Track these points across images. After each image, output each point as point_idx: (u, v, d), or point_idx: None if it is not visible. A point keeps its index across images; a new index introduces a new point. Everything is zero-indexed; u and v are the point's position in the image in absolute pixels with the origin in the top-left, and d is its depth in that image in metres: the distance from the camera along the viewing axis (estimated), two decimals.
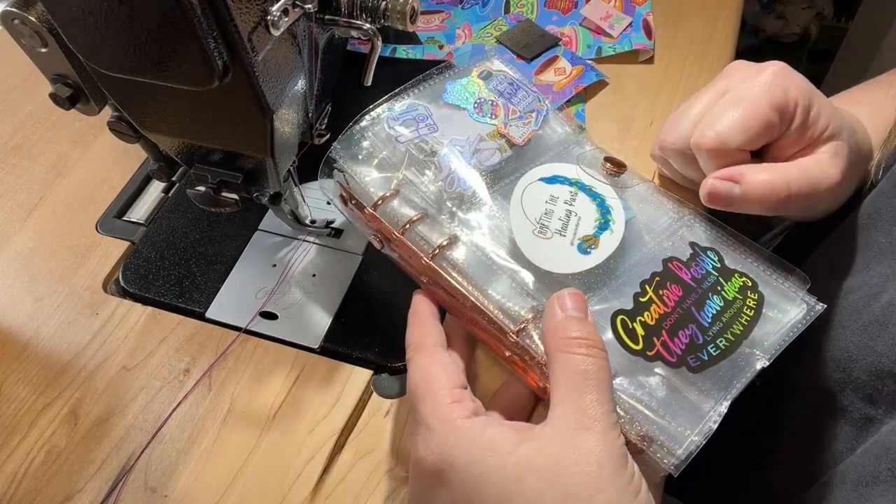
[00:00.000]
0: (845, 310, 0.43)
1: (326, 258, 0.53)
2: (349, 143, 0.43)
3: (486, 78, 0.47)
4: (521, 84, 0.48)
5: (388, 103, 0.45)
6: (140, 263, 0.53)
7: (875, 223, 0.44)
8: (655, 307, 0.38)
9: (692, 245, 0.41)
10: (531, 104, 0.47)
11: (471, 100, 0.46)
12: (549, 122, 0.47)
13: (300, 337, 0.49)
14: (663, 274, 0.39)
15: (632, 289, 0.39)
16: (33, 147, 0.62)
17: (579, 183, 0.42)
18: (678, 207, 0.44)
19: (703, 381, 0.36)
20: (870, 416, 0.41)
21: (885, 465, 0.37)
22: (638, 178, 0.45)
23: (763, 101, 0.41)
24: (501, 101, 0.46)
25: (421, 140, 0.43)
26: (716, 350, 0.37)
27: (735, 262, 0.41)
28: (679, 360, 0.36)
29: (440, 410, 0.34)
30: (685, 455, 0.34)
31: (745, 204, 0.41)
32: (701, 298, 0.39)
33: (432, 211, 0.41)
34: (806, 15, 1.59)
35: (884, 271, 0.42)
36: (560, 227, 0.40)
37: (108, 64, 0.34)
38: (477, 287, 0.39)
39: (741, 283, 0.40)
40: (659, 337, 0.37)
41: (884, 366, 0.39)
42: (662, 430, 0.35)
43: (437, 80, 0.47)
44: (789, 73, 0.43)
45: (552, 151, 0.46)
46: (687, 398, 0.36)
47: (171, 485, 0.43)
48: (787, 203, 0.41)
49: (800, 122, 0.42)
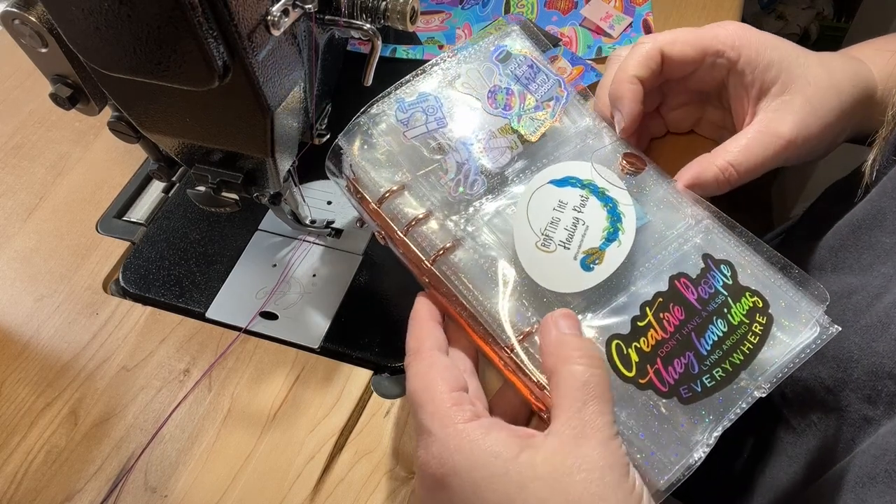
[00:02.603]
0: (848, 310, 0.43)
1: (326, 258, 0.53)
2: (357, 132, 0.42)
3: (504, 60, 0.44)
4: (540, 67, 0.45)
5: (398, 92, 0.42)
6: (140, 263, 0.53)
7: (879, 223, 0.44)
8: (653, 332, 0.37)
9: (705, 258, 0.39)
10: (550, 90, 0.44)
11: (486, 87, 0.43)
12: (568, 112, 0.45)
13: (300, 337, 0.49)
14: (667, 294, 0.38)
15: (633, 310, 0.37)
16: (33, 147, 0.62)
17: (592, 185, 0.40)
18: (697, 209, 0.42)
19: (695, 411, 0.36)
20: (868, 416, 0.41)
21: (883, 466, 0.37)
22: (658, 178, 0.43)
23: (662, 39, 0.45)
24: (518, 89, 0.43)
25: (428, 135, 0.41)
26: (711, 381, 0.36)
27: (749, 277, 0.39)
28: (671, 389, 0.36)
29: (440, 415, 0.34)
30: (666, 486, 0.34)
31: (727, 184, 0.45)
32: (703, 323, 0.37)
33: (437, 212, 0.40)
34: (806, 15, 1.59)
35: (887, 272, 0.42)
36: (565, 238, 0.38)
37: (108, 64, 0.34)
38: (475, 296, 0.38)
39: (751, 305, 0.38)
40: (653, 365, 0.36)
41: (884, 366, 0.39)
42: (647, 458, 0.34)
43: (452, 63, 0.44)
44: (730, 25, 0.46)
45: (568, 146, 0.43)
46: (676, 429, 0.35)
47: (171, 485, 0.43)
48: (740, 181, 0.44)
49: (727, 62, 0.45)
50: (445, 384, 0.35)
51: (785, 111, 0.44)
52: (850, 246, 0.46)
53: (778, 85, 0.45)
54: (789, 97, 0.45)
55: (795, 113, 0.44)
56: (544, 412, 0.36)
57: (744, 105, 0.47)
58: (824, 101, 0.45)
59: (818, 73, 0.45)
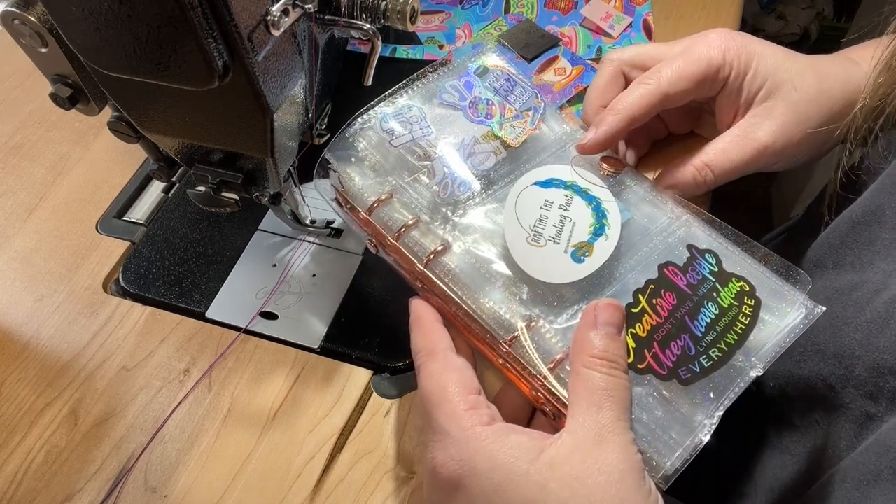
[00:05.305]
0: (848, 306, 0.43)
1: (326, 258, 0.53)
2: (343, 145, 0.43)
3: (482, 75, 0.47)
4: (517, 80, 0.48)
5: (382, 104, 0.44)
6: (140, 263, 0.53)
7: (878, 219, 0.44)
8: (648, 318, 0.38)
9: (690, 248, 0.41)
10: (528, 101, 0.47)
11: (466, 98, 0.45)
12: (546, 121, 0.47)
13: (300, 337, 0.49)
14: (658, 281, 0.39)
15: (626, 297, 0.38)
16: (33, 147, 0.62)
17: (574, 186, 0.42)
18: (677, 207, 0.44)
19: (695, 392, 0.36)
20: (870, 413, 0.41)
21: (887, 463, 0.37)
22: (637, 177, 0.45)
23: None
24: (497, 100, 0.46)
25: (414, 143, 0.42)
26: (708, 361, 0.37)
27: (734, 265, 0.41)
28: (670, 372, 0.36)
29: (458, 417, 0.34)
30: (673, 470, 0.34)
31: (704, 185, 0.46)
32: (695, 307, 0.38)
33: (426, 216, 0.41)
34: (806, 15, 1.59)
35: (887, 267, 0.42)
36: (554, 234, 0.40)
37: (108, 64, 0.34)
38: (469, 295, 0.38)
39: (738, 289, 0.39)
40: (650, 349, 0.37)
41: (886, 362, 0.39)
42: (651, 443, 0.35)
43: (432, 79, 0.46)
44: (715, 39, 0.46)
45: (549, 151, 0.45)
46: (678, 410, 0.36)
47: (171, 485, 0.43)
48: (716, 182, 0.46)
49: (722, 81, 0.46)
50: (462, 386, 0.35)
51: (765, 117, 0.45)
52: (850, 242, 0.46)
53: (763, 91, 0.45)
54: (772, 103, 0.45)
55: (775, 119, 0.45)
56: (545, 405, 0.36)
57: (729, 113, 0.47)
58: (811, 108, 0.46)
59: (806, 79, 0.46)
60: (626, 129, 0.45)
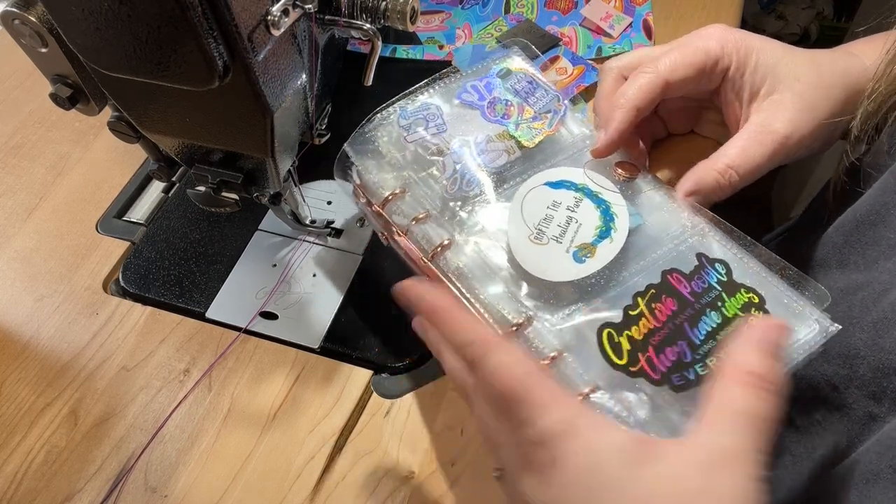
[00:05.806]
0: (854, 306, 0.43)
1: (326, 258, 0.53)
2: (362, 139, 0.44)
3: (504, 77, 0.47)
4: (540, 83, 0.48)
5: (401, 101, 0.45)
6: (140, 263, 0.53)
7: (883, 218, 0.44)
8: (645, 321, 0.37)
9: (699, 256, 0.40)
10: (548, 104, 0.47)
11: (485, 98, 0.45)
12: (565, 123, 0.47)
13: (300, 337, 0.49)
14: (659, 286, 0.38)
15: (626, 300, 0.38)
16: (33, 147, 0.62)
17: (585, 189, 0.42)
18: (694, 215, 0.42)
19: (687, 400, 0.35)
20: (873, 413, 0.41)
21: (887, 462, 0.37)
22: (654, 183, 0.44)
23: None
24: (517, 101, 0.46)
25: (429, 140, 0.43)
26: (703, 369, 0.36)
27: (746, 276, 0.39)
28: (663, 377, 0.35)
29: (562, 401, 0.31)
30: None
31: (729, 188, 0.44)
32: (696, 314, 0.37)
33: (436, 211, 0.41)
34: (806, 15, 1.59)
35: (892, 267, 0.42)
36: (558, 233, 0.40)
37: (108, 64, 0.34)
38: (471, 290, 0.38)
39: (746, 299, 0.38)
40: (644, 353, 0.36)
41: (891, 363, 0.39)
42: None
43: (454, 79, 0.46)
44: (714, 33, 0.46)
45: (564, 154, 0.45)
46: (668, 418, 0.35)
47: (171, 485, 0.43)
48: (741, 183, 0.44)
49: (721, 72, 0.45)
50: (542, 374, 0.32)
51: (777, 109, 0.45)
52: (855, 242, 0.46)
53: (766, 86, 0.45)
54: (779, 96, 0.45)
55: (788, 110, 0.45)
56: None
57: (736, 110, 0.47)
58: (815, 99, 0.45)
59: (807, 72, 0.46)
60: (634, 122, 0.44)
